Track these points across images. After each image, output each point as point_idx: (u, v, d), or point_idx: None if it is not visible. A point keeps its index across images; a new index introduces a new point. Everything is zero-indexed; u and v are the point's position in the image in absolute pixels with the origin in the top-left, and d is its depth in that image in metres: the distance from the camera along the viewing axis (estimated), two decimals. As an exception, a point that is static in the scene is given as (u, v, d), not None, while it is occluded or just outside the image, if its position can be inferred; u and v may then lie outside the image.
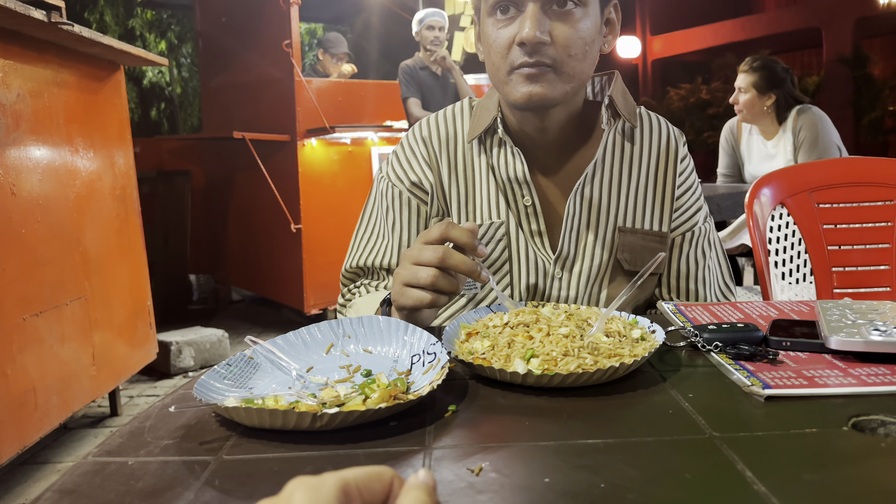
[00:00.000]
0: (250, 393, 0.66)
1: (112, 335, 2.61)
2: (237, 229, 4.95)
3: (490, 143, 1.05)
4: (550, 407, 0.62)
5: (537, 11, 0.90)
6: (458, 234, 0.80)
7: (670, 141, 1.08)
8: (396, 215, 1.09)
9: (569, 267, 1.04)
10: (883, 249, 1.55)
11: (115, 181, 2.72)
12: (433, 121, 1.10)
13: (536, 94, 0.92)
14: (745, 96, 3.13)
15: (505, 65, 0.94)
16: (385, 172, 1.11)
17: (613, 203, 1.04)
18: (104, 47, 2.43)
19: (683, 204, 1.09)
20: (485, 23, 0.96)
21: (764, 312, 0.88)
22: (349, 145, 4.46)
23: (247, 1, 4.57)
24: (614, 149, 1.05)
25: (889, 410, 0.57)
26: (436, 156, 1.07)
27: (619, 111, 1.03)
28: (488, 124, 1.03)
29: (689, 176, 1.10)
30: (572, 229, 1.04)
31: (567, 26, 0.91)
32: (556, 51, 0.91)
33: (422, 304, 0.80)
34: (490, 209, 1.05)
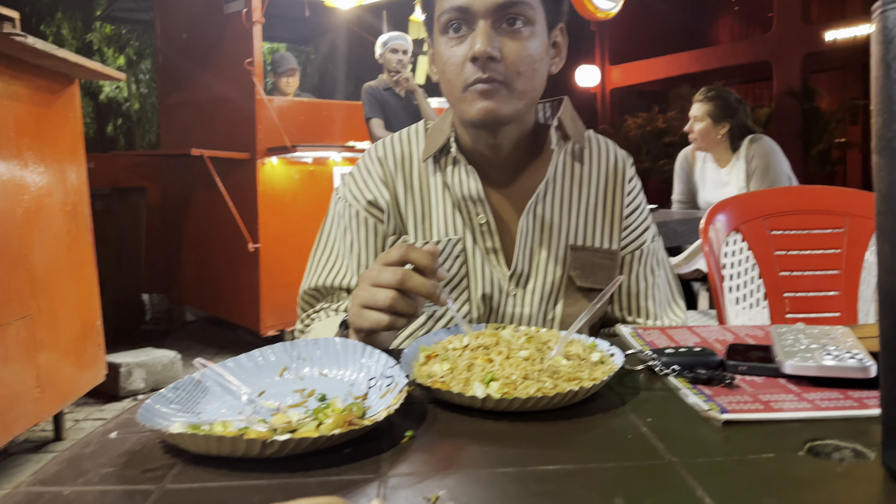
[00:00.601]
0: (198, 418, 0.63)
1: (58, 356, 2.51)
2: (193, 248, 4.85)
3: (445, 162, 1.07)
4: (510, 431, 0.61)
5: (488, 28, 0.93)
6: (418, 257, 0.79)
7: (618, 162, 1.12)
8: (354, 235, 1.09)
9: (523, 283, 1.06)
10: (833, 276, 1.59)
11: (67, 197, 2.64)
12: (389, 141, 1.12)
13: (490, 109, 0.95)
14: (700, 125, 3.21)
15: (459, 81, 0.96)
16: (342, 193, 1.12)
17: (565, 221, 1.07)
18: (59, 60, 2.38)
19: (632, 223, 1.11)
20: (438, 42, 0.99)
21: (720, 337, 0.89)
22: (311, 164, 4.42)
23: (209, 18, 4.52)
24: (564, 169, 1.08)
25: (843, 435, 0.57)
26: (391, 175, 1.08)
27: (569, 133, 1.06)
28: (442, 144, 1.05)
29: (637, 196, 1.13)
30: (526, 247, 1.05)
31: (516, 44, 0.94)
32: (505, 68, 0.94)
33: (379, 327, 0.79)
34: (447, 226, 1.06)
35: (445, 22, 0.96)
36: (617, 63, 16.21)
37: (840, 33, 13.00)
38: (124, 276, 4.53)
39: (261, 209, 4.12)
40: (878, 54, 0.49)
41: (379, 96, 4.14)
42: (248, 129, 4.15)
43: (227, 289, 4.50)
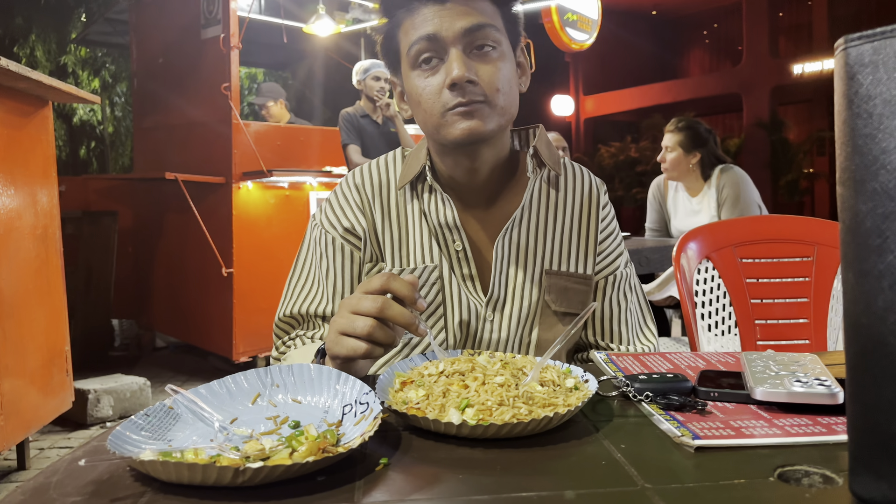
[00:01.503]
0: (169, 445, 0.62)
1: (23, 382, 2.45)
2: (164, 273, 4.79)
3: (421, 189, 1.08)
4: (485, 459, 0.61)
5: (461, 55, 0.95)
6: (399, 287, 0.79)
7: (592, 189, 1.14)
8: (330, 262, 1.09)
9: (500, 308, 1.07)
10: (802, 303, 1.62)
11: (37, 220, 2.60)
12: (366, 169, 1.12)
13: (474, 128, 0.96)
14: (671, 154, 3.27)
15: (437, 109, 0.97)
16: (318, 220, 1.12)
17: (540, 247, 1.08)
18: (32, 82, 2.36)
19: (606, 248, 1.13)
20: (409, 77, 1.00)
21: (692, 363, 0.90)
22: (287, 189, 4.41)
23: (186, 43, 4.53)
24: (540, 195, 1.10)
25: (812, 461, 0.58)
26: (369, 202, 1.09)
27: (544, 160, 1.08)
28: (418, 171, 1.06)
29: (611, 223, 1.15)
30: (501, 272, 1.07)
31: (489, 66, 0.97)
32: (484, 88, 0.96)
33: (356, 354, 0.78)
34: (423, 253, 1.07)
35: (416, 54, 0.97)
36: (591, 93, 16.50)
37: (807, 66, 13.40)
38: (94, 300, 4.45)
39: (235, 234, 4.09)
40: (840, 89, 0.51)
41: (356, 123, 4.16)
42: (224, 154, 4.14)
43: (200, 314, 4.44)
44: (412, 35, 0.97)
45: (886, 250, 0.48)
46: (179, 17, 4.59)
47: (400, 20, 1.00)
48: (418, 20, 0.97)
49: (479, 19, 0.95)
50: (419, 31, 0.96)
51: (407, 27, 0.99)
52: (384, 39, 1.04)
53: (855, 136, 0.50)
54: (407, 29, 0.99)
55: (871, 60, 0.49)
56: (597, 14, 6.55)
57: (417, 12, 0.97)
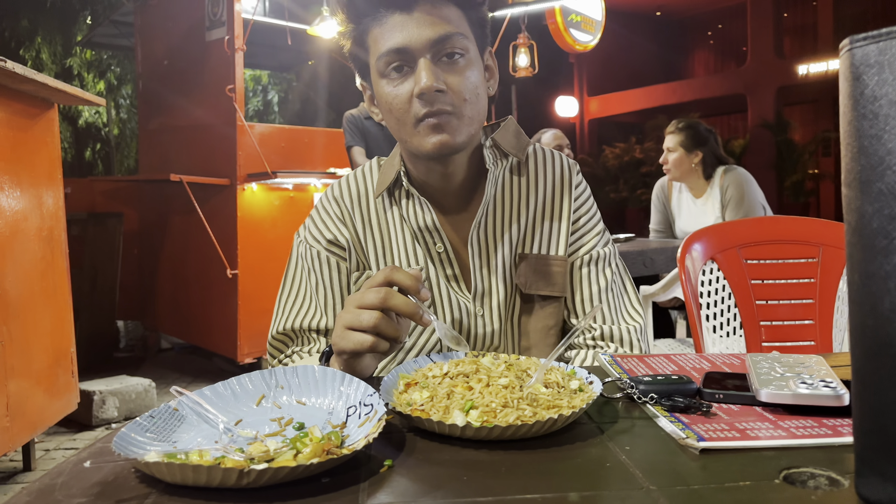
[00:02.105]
0: (174, 447, 0.63)
1: (30, 384, 2.46)
2: (169, 274, 4.80)
3: (399, 196, 1.10)
4: (489, 460, 0.61)
5: (429, 64, 0.96)
6: (402, 277, 0.81)
7: (564, 171, 1.14)
8: (318, 275, 1.11)
9: (487, 303, 1.09)
10: (807, 305, 1.62)
11: (42, 222, 2.61)
12: (344, 181, 1.15)
13: (444, 142, 0.97)
14: (673, 155, 3.27)
15: (409, 118, 0.98)
16: (303, 236, 1.14)
17: (514, 234, 1.09)
18: (37, 84, 2.37)
19: (580, 228, 1.13)
20: (378, 84, 1.01)
21: (697, 365, 0.90)
22: (291, 191, 4.42)
23: (191, 45, 4.54)
24: (504, 185, 1.11)
25: (818, 463, 0.58)
26: (349, 213, 1.11)
27: (504, 150, 1.09)
28: (393, 178, 1.08)
29: (586, 202, 1.15)
30: (481, 267, 1.08)
31: (457, 75, 0.97)
32: (452, 97, 0.97)
33: (362, 348, 0.79)
34: (408, 258, 1.09)
35: (385, 64, 0.98)
36: (595, 94, 16.49)
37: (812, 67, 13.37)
38: (99, 302, 4.46)
39: (240, 235, 4.10)
40: (846, 90, 0.51)
41: (360, 124, 4.17)
42: (229, 155, 4.16)
43: (204, 316, 4.45)
44: (381, 45, 0.98)
45: (892, 251, 0.48)
46: (184, 20, 4.60)
47: (367, 27, 1.00)
48: (386, 29, 0.97)
49: (446, 29, 0.96)
50: (388, 41, 0.97)
51: (375, 35, 0.99)
52: (352, 45, 1.04)
53: (861, 136, 0.50)
54: (375, 37, 0.99)
55: (876, 61, 0.49)
56: (600, 15, 6.54)
57: (385, 21, 0.97)
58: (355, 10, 1.01)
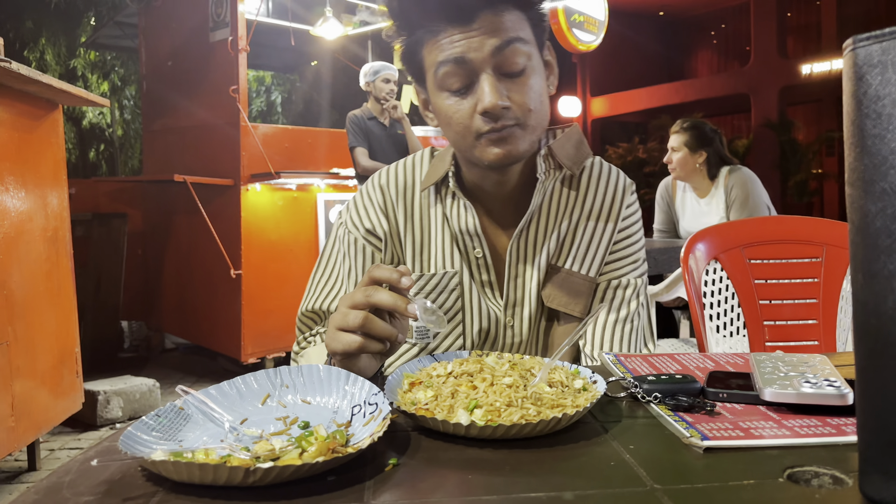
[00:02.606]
0: (180, 446, 0.63)
1: (34, 384, 2.47)
2: (173, 274, 4.82)
3: (444, 193, 1.07)
4: (493, 459, 0.61)
5: (492, 79, 0.91)
6: (380, 273, 0.80)
7: (617, 190, 1.10)
8: (351, 261, 1.10)
9: (518, 313, 1.06)
10: (811, 304, 1.62)
11: (47, 223, 2.62)
12: (392, 169, 1.12)
13: (507, 153, 0.94)
14: (677, 155, 3.27)
15: (470, 133, 0.94)
16: (344, 218, 1.12)
17: (551, 245, 1.06)
18: (42, 86, 2.37)
19: (619, 250, 1.10)
20: (437, 95, 0.96)
21: (701, 364, 0.90)
22: (294, 191, 4.43)
23: (194, 46, 4.56)
24: (552, 196, 1.07)
25: (821, 461, 0.58)
26: (392, 203, 1.09)
27: (559, 160, 1.05)
28: (441, 175, 1.05)
29: (632, 226, 1.11)
30: (516, 276, 1.06)
31: (520, 87, 0.93)
32: (517, 111, 0.93)
33: (350, 349, 0.78)
34: (444, 259, 1.06)
35: (443, 76, 0.94)
36: (598, 94, 16.47)
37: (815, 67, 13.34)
38: (103, 302, 4.48)
39: (244, 235, 4.11)
40: (849, 90, 0.51)
41: (363, 125, 4.17)
42: (233, 156, 4.17)
43: (208, 316, 4.46)
44: (438, 56, 0.93)
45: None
46: (188, 21, 4.61)
47: (422, 39, 0.95)
48: (444, 42, 0.92)
49: (506, 35, 0.91)
50: (446, 53, 0.92)
51: (431, 47, 0.95)
52: (406, 52, 0.99)
53: (864, 136, 0.50)
54: (431, 49, 0.95)
55: (879, 61, 0.49)
56: (604, 15, 6.53)
57: (442, 33, 0.92)
58: (409, 22, 0.97)
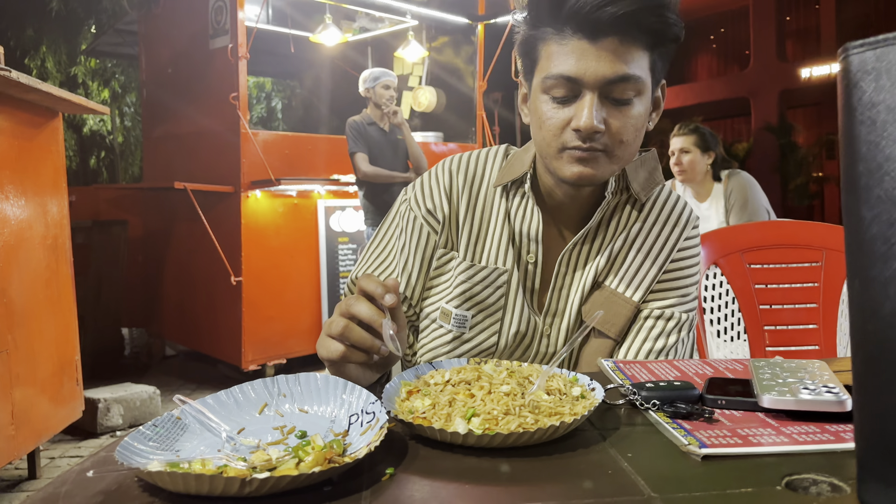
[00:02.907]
0: (176, 456, 0.63)
1: (35, 392, 2.46)
2: (174, 281, 4.82)
3: (513, 193, 1.07)
4: (491, 468, 0.61)
5: (595, 101, 0.90)
6: (366, 284, 0.79)
7: (679, 222, 1.09)
8: (407, 238, 1.10)
9: (557, 324, 1.06)
10: (811, 309, 1.61)
11: (47, 230, 2.62)
12: (466, 157, 1.11)
13: (587, 174, 0.94)
14: (688, 156, 3.26)
15: (556, 143, 0.94)
16: (409, 195, 1.12)
17: (601, 262, 1.05)
18: (42, 94, 2.38)
19: (668, 280, 1.08)
20: (537, 95, 0.96)
21: (700, 370, 0.90)
22: (295, 198, 4.43)
23: (194, 54, 4.57)
24: (613, 215, 1.07)
25: (820, 469, 0.58)
26: (458, 190, 1.08)
27: (630, 184, 1.05)
28: (518, 176, 1.05)
29: (686, 261, 1.09)
30: (561, 287, 1.06)
31: (622, 115, 0.92)
32: (609, 138, 0.92)
33: (332, 357, 0.78)
34: (497, 255, 1.06)
35: (551, 85, 0.92)
36: (598, 99, 16.48)
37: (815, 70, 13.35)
38: (104, 309, 4.48)
39: (244, 242, 4.11)
40: (843, 97, 0.51)
41: (363, 131, 4.18)
42: (233, 163, 4.17)
43: (209, 323, 4.46)
44: (553, 63, 0.92)
45: (891, 257, 0.48)
46: (188, 28, 4.63)
47: (544, 37, 0.93)
48: (564, 50, 0.91)
49: (625, 69, 0.89)
50: (561, 65, 0.91)
51: (550, 49, 0.93)
52: (524, 43, 0.98)
53: (859, 143, 0.50)
54: (550, 51, 0.93)
55: (873, 68, 0.49)
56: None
57: (565, 40, 0.91)
58: (537, 17, 0.94)
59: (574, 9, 0.88)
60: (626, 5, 0.86)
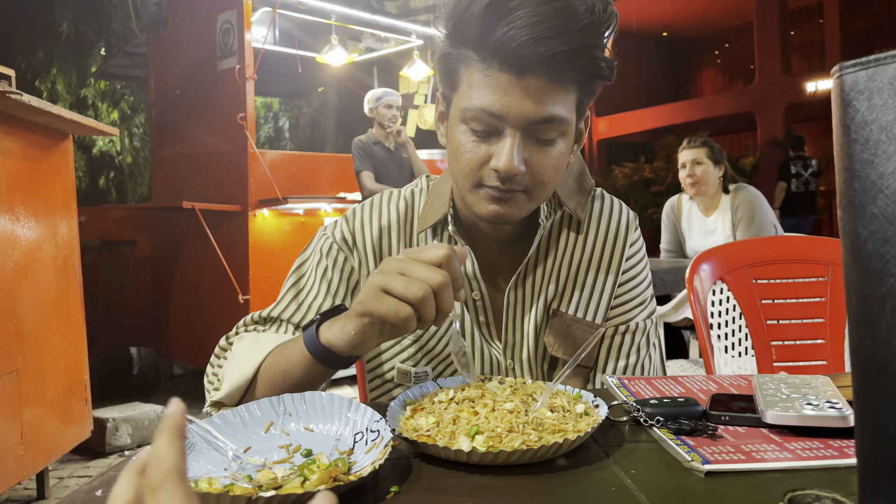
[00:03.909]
0: (184, 474, 0.63)
1: (44, 412, 2.48)
2: (182, 300, 4.84)
3: (443, 236, 1.03)
4: (495, 485, 0.61)
5: (517, 141, 0.85)
6: (455, 269, 0.76)
7: (620, 226, 1.06)
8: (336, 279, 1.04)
9: (518, 356, 1.03)
10: (818, 324, 1.61)
11: (57, 251, 2.64)
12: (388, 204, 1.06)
13: (503, 214, 0.90)
14: (701, 168, 3.25)
15: (474, 178, 0.89)
16: (331, 235, 1.07)
17: (550, 290, 1.03)
18: (53, 116, 2.41)
19: (624, 293, 1.06)
20: (456, 125, 0.90)
21: (704, 387, 0.90)
22: (302, 216, 4.46)
23: (202, 75, 4.62)
24: (551, 239, 1.04)
25: (823, 485, 0.58)
26: (388, 239, 1.04)
27: (562, 200, 1.02)
28: (439, 218, 1.01)
29: (637, 265, 1.07)
30: (514, 318, 1.03)
31: (544, 155, 0.88)
32: (530, 179, 0.88)
33: (396, 317, 0.74)
34: None
35: (471, 118, 0.86)
36: (603, 115, 16.53)
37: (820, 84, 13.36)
38: (112, 329, 4.50)
39: (252, 260, 4.14)
40: (837, 116, 0.52)
41: (369, 150, 4.22)
42: (240, 182, 4.21)
43: (217, 341, 4.46)
44: (474, 95, 0.85)
45: (887, 274, 0.48)
46: (196, 50, 4.69)
47: (467, 59, 0.86)
48: (488, 81, 0.84)
49: (550, 111, 0.84)
50: (483, 97, 0.84)
51: (473, 76, 0.86)
52: (444, 60, 0.90)
53: (853, 161, 0.51)
54: (472, 79, 0.86)
55: (866, 87, 0.50)
56: (607, 37, 6.58)
57: (490, 71, 0.84)
58: (461, 36, 0.86)
59: (502, 42, 0.81)
60: (558, 44, 0.80)
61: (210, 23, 4.47)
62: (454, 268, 0.76)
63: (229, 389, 0.88)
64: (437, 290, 0.74)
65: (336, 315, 0.84)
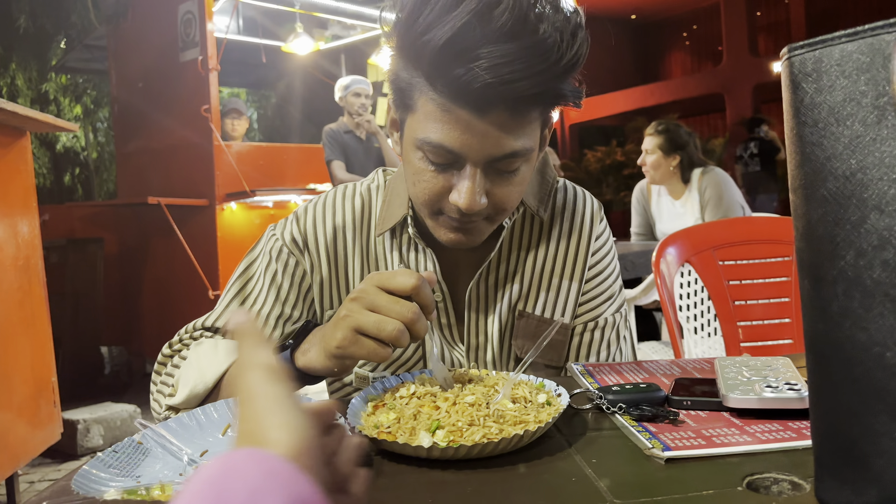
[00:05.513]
0: (137, 482, 0.62)
1: (10, 416, 2.42)
2: (152, 298, 4.76)
3: (401, 239, 0.99)
4: (455, 480, 0.61)
5: (479, 175, 0.81)
6: (427, 297, 0.74)
7: (585, 218, 1.02)
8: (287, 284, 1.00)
9: (482, 358, 1.01)
10: (783, 303, 1.63)
11: (18, 251, 2.58)
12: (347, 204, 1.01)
13: (464, 241, 0.88)
14: (651, 157, 3.29)
15: (433, 206, 0.86)
16: (280, 237, 1.01)
17: (514, 290, 1.00)
18: (8, 113, 2.34)
19: (591, 291, 1.03)
20: (411, 149, 0.84)
21: (668, 371, 0.90)
22: (271, 208, 4.41)
23: (165, 67, 4.53)
24: (513, 238, 1.01)
25: (781, 467, 0.58)
26: (344, 239, 1.00)
27: (524, 201, 0.98)
28: (399, 220, 0.97)
29: (604, 259, 1.04)
30: (477, 321, 1.00)
31: (507, 184, 0.84)
32: (492, 208, 0.85)
33: (377, 359, 0.74)
34: None
35: (428, 151, 0.81)
36: (574, 99, 16.55)
37: (786, 65, 13.50)
38: (82, 329, 4.41)
39: (221, 255, 4.08)
40: (787, 98, 0.52)
41: (339, 139, 4.17)
42: (207, 176, 4.14)
43: (189, 337, 4.41)
44: (430, 128, 0.79)
45: (838, 256, 0.48)
46: (157, 42, 4.59)
47: (420, 87, 0.79)
48: (446, 117, 0.78)
49: (514, 146, 0.79)
50: (440, 133, 0.78)
51: (428, 107, 0.79)
52: (397, 77, 0.83)
53: (803, 144, 0.51)
54: (427, 110, 0.79)
55: (814, 69, 0.50)
56: (575, 21, 6.58)
57: (447, 104, 0.77)
58: (414, 63, 0.79)
59: (461, 82, 0.74)
60: (524, 88, 0.74)
61: (171, 13, 4.37)
62: (425, 295, 0.74)
63: (187, 395, 0.86)
64: (409, 325, 0.73)
65: (305, 335, 0.84)
